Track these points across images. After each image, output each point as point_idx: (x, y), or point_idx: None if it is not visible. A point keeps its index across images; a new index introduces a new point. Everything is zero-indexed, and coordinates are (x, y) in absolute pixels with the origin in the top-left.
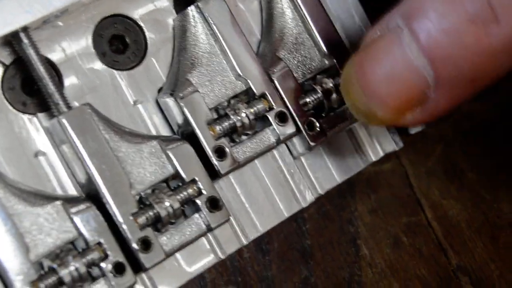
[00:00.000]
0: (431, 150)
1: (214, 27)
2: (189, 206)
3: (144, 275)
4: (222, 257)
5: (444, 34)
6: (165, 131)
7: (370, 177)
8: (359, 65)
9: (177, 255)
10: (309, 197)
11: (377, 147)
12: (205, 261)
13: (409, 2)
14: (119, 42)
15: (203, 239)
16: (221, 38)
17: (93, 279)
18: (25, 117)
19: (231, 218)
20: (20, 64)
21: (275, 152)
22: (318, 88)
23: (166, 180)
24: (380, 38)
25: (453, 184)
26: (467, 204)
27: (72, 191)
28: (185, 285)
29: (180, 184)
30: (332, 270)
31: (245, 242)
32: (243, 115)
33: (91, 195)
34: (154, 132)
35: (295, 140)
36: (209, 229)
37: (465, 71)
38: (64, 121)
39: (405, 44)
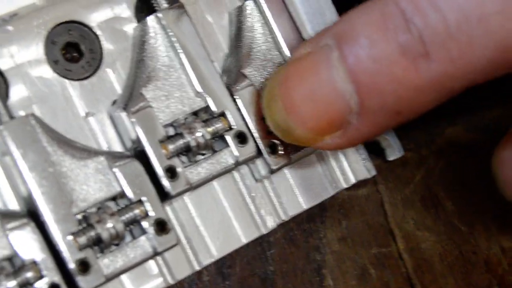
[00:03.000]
0: (410, 177)
1: (174, 39)
2: (136, 227)
3: None
4: (172, 282)
5: (373, 62)
6: (117, 147)
7: (344, 202)
8: (284, 79)
9: (123, 277)
10: (271, 223)
11: (349, 173)
12: (153, 285)
13: (343, 23)
14: (74, 50)
15: (152, 262)
16: (180, 51)
17: None
18: None
19: (184, 241)
20: None
21: (235, 173)
22: None
23: (114, 199)
24: (309, 55)
25: (430, 215)
26: (442, 237)
27: (14, 205)
28: None
29: (127, 203)
30: None
31: (197, 267)
32: (199, 134)
33: (32, 211)
34: (105, 147)
35: (258, 162)
36: (156, 253)
37: (390, 102)
38: (4, 131)
39: (333, 66)
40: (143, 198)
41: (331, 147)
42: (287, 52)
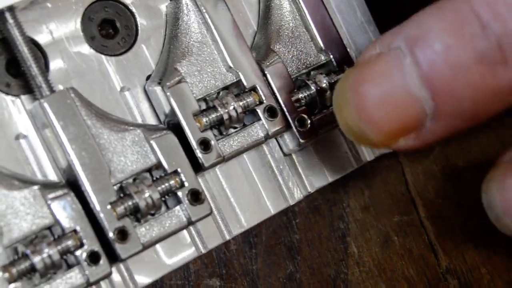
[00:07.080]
0: (429, 148)
1: (207, 16)
2: (171, 197)
3: (121, 265)
4: (203, 251)
5: (449, 69)
6: (152, 120)
7: (366, 172)
8: (355, 84)
9: (157, 246)
10: (298, 195)
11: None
12: (186, 254)
13: (415, 25)
14: (109, 27)
15: (185, 232)
16: (213, 28)
17: (69, 266)
18: (8, 98)
19: (215, 212)
20: (5, 45)
21: (264, 147)
22: (312, 85)
23: (149, 170)
24: (380, 59)
25: (450, 184)
26: (462, 205)
27: (53, 176)
28: (168, 276)
29: (163, 175)
30: (318, 267)
31: (228, 237)
32: (231, 108)
33: (71, 182)
34: (140, 121)
35: (286, 136)
36: (190, 222)
37: (467, 107)
38: (45, 104)
39: (406, 71)
40: (178, 169)
41: (405, 149)
42: (315, 29)
